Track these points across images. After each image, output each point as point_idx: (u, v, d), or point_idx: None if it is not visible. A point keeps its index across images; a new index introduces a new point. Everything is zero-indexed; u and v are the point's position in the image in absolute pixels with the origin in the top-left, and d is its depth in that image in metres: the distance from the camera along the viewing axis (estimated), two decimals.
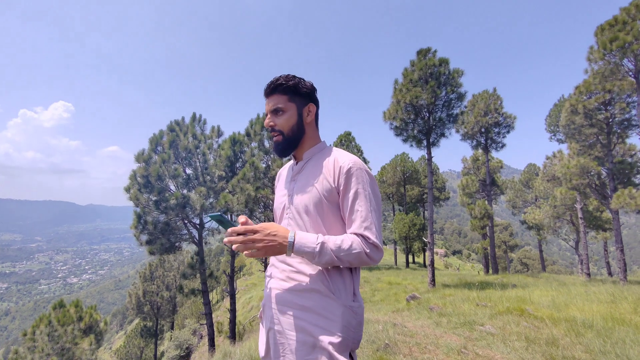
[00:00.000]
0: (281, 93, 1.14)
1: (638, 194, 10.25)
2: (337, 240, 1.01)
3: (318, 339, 1.00)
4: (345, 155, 1.13)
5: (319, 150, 1.20)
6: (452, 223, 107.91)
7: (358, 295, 1.10)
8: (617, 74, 10.62)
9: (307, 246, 0.99)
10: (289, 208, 1.17)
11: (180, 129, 10.55)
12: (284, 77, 1.15)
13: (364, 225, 1.04)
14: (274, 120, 1.15)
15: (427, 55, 11.04)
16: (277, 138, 1.16)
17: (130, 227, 9.29)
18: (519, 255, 37.33)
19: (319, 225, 1.09)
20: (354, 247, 1.00)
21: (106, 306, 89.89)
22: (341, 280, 1.07)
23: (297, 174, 1.20)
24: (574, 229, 19.81)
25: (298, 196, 1.14)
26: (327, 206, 1.09)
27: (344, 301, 1.05)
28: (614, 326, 3.64)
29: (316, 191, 1.10)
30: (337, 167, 1.10)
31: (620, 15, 10.35)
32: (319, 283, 1.04)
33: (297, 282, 1.07)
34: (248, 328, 16.15)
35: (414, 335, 3.84)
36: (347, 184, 1.07)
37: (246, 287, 25.56)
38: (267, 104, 1.17)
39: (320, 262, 1.00)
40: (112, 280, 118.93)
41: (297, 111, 1.15)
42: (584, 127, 12.49)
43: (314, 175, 1.13)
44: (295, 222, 1.13)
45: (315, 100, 1.20)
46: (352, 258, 1.00)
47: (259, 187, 10.20)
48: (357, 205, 1.06)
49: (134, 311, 20.07)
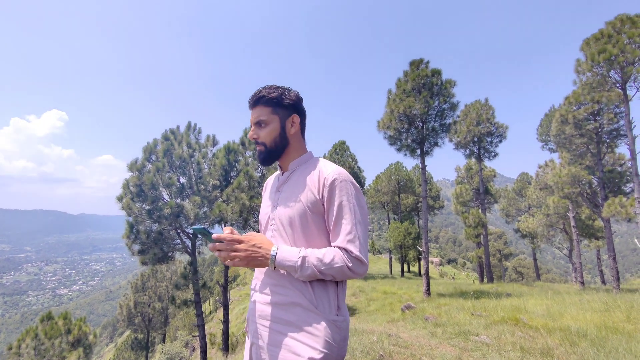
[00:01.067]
0: (264, 105, 1.13)
1: (628, 203, 10.41)
2: (318, 254, 1.01)
3: (300, 356, 0.97)
4: (330, 167, 1.11)
5: (305, 161, 1.19)
6: (446, 231, 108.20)
7: (343, 309, 1.07)
8: (605, 85, 10.90)
9: (288, 260, 0.99)
10: (273, 219, 1.15)
11: (175, 137, 10.52)
12: (267, 89, 1.14)
13: (347, 239, 1.02)
14: (257, 133, 1.15)
15: (420, 66, 11.24)
16: (260, 148, 1.16)
17: (123, 236, 9.15)
18: (513, 263, 37.42)
19: (303, 238, 1.08)
20: (336, 261, 0.99)
21: (96, 318, 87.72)
22: (325, 293, 1.04)
23: (283, 184, 1.19)
24: (567, 238, 19.98)
25: (282, 207, 1.13)
26: (311, 218, 1.08)
27: (328, 315, 1.02)
28: (608, 335, 3.65)
29: (301, 203, 1.09)
30: (321, 178, 1.09)
31: (606, 29, 10.68)
32: (301, 296, 1.02)
33: (280, 295, 1.05)
34: (241, 340, 15.85)
35: (409, 346, 3.80)
36: (331, 196, 1.06)
37: (240, 298, 25.18)
38: (251, 115, 1.17)
39: (302, 276, 1.00)
40: (103, 291, 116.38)
41: (280, 123, 1.14)
42: (574, 136, 12.73)
43: (299, 187, 1.12)
44: (279, 234, 1.12)
45: (301, 111, 1.18)
46: (334, 272, 1.00)
47: (253, 196, 10.16)
48: (341, 219, 1.05)
49: (125, 323, 19.62)
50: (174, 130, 10.77)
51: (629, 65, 9.99)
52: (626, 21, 10.26)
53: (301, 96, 1.20)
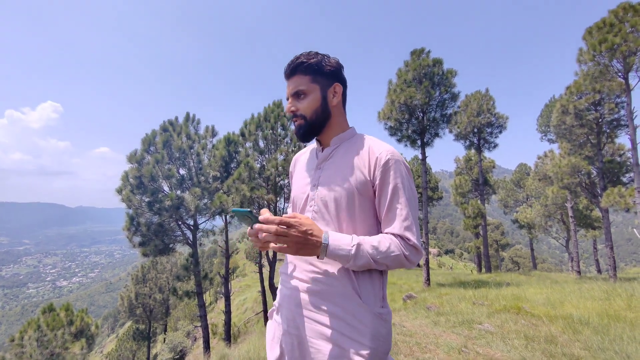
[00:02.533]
0: (303, 73, 1.01)
1: (627, 193, 10.45)
2: (373, 241, 0.92)
3: (345, 350, 0.90)
4: (382, 145, 1.01)
5: (349, 137, 1.08)
6: (444, 223, 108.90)
7: (386, 300, 1.01)
8: (607, 75, 10.82)
9: (341, 248, 0.89)
10: (314, 200, 1.03)
11: (174, 128, 10.41)
12: (305, 55, 1.02)
13: (404, 225, 0.94)
14: (296, 105, 1.03)
15: (421, 55, 11.11)
16: (299, 122, 1.03)
17: (123, 228, 9.13)
18: (510, 253, 37.82)
19: (349, 222, 0.98)
20: (392, 250, 0.91)
21: (97, 309, 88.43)
22: (370, 283, 0.96)
23: (324, 161, 1.07)
24: (564, 228, 20.14)
25: (326, 187, 1.01)
26: (359, 201, 0.98)
27: (373, 307, 0.94)
28: (610, 323, 3.68)
29: (349, 183, 0.98)
30: (372, 157, 0.99)
31: (608, 18, 10.54)
32: (347, 286, 0.94)
33: (322, 285, 0.96)
34: (243, 330, 16.02)
35: (413, 335, 3.83)
36: (384, 178, 0.96)
37: (240, 289, 25.38)
38: (287, 87, 1.05)
39: (355, 266, 0.91)
40: (103, 283, 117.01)
41: (321, 93, 1.03)
42: (575, 127, 12.70)
43: (345, 165, 1.01)
44: (321, 216, 1.01)
45: (342, 80, 1.07)
46: (390, 261, 0.91)
47: (254, 187, 10.12)
48: (396, 203, 0.95)
49: (126, 314, 19.75)
50: (173, 122, 10.67)
51: (631, 55, 9.90)
52: (629, 9, 10.12)
53: (341, 63, 1.09)
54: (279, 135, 11.50)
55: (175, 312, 23.53)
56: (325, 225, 1.00)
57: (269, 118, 11.58)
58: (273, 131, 11.49)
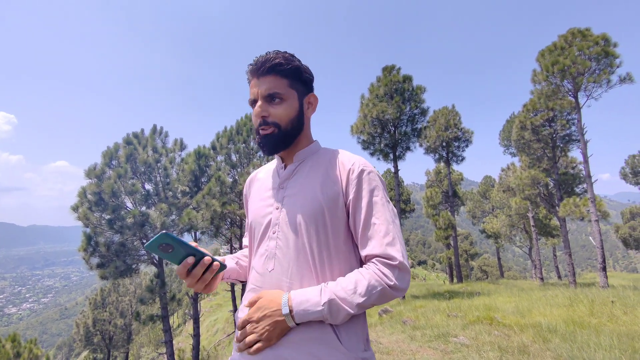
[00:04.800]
0: (280, 75, 0.87)
1: (581, 203, 11.23)
2: (349, 285, 0.77)
3: None
4: (352, 157, 0.91)
5: (314, 151, 0.96)
6: (416, 234, 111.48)
7: (369, 342, 0.87)
8: (558, 94, 11.75)
9: (310, 312, 0.75)
10: (277, 224, 0.88)
11: (139, 141, 9.91)
12: (283, 56, 0.89)
13: (386, 242, 0.80)
14: (268, 110, 0.87)
15: (392, 72, 11.51)
16: (270, 130, 0.87)
17: (79, 249, 8.40)
18: (479, 263, 39.22)
19: (321, 249, 0.83)
20: (374, 285, 0.76)
21: (50, 338, 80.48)
22: (352, 323, 0.82)
23: (287, 179, 0.93)
24: (527, 237, 21.25)
25: (292, 208, 0.87)
26: (330, 222, 0.84)
27: (356, 353, 0.79)
28: (576, 330, 3.81)
29: (318, 202, 0.84)
30: (344, 170, 0.88)
31: (558, 42, 11.55)
32: (323, 329, 0.78)
33: (294, 331, 0.79)
34: (213, 354, 15.14)
35: (390, 352, 3.74)
36: (358, 192, 0.85)
37: (211, 309, 24.18)
38: (257, 86, 0.88)
39: (335, 322, 0.77)
40: (57, 308, 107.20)
41: (298, 101, 0.90)
42: (532, 141, 13.60)
43: (313, 182, 0.88)
44: (287, 245, 0.85)
45: (313, 90, 0.97)
46: (375, 299, 0.77)
47: (226, 202, 9.78)
48: (374, 218, 0.83)
49: (82, 343, 18.06)
50: (138, 134, 10.16)
51: (580, 76, 10.85)
52: (577, 34, 11.16)
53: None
54: (252, 149, 11.30)
55: (139, 338, 21.88)
56: (294, 255, 0.85)
57: (241, 131, 11.38)
58: (246, 144, 11.28)
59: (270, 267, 0.86)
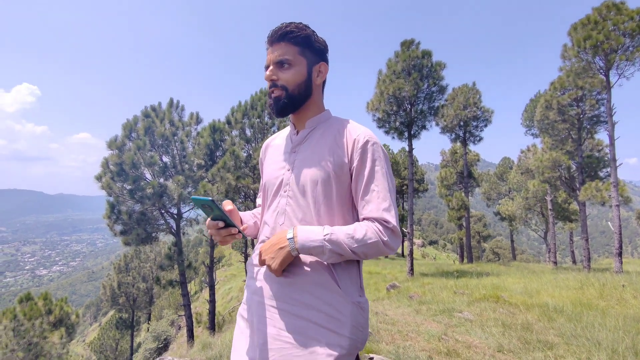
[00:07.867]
0: (291, 43, 0.95)
1: (604, 187, 10.85)
2: (348, 230, 0.86)
3: (323, 343, 0.85)
4: (360, 127, 0.98)
5: (325, 120, 1.03)
6: (429, 214, 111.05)
7: (363, 289, 0.97)
8: (589, 72, 11.06)
9: (312, 240, 0.85)
10: (288, 184, 0.98)
11: (157, 114, 10.09)
12: (296, 25, 0.95)
13: (383, 207, 0.89)
14: (277, 74, 0.95)
15: (411, 46, 11.06)
16: (278, 93, 0.95)
17: (103, 216, 8.88)
18: (491, 245, 39.01)
19: (326, 208, 0.93)
20: (369, 237, 0.85)
21: (79, 298, 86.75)
22: (348, 272, 0.92)
23: (300, 144, 1.02)
24: (543, 220, 20.86)
25: (302, 171, 0.97)
26: (336, 185, 0.93)
27: (352, 297, 0.90)
28: (583, 311, 3.83)
29: (326, 166, 0.94)
30: (350, 139, 0.95)
31: (592, 15, 10.72)
32: (324, 275, 0.89)
33: (297, 274, 0.90)
34: (227, 319, 16.04)
35: (395, 323, 3.89)
36: (362, 160, 0.93)
37: (225, 278, 25.31)
38: (270, 53, 0.97)
39: (331, 258, 0.86)
40: (85, 272, 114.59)
41: (307, 68, 0.97)
42: (557, 122, 13.01)
43: (322, 148, 0.97)
44: (296, 202, 0.96)
45: (327, 61, 1.02)
46: (368, 249, 0.86)
47: (240, 176, 9.98)
48: (374, 185, 0.91)
49: (109, 303, 19.46)
50: (155, 107, 10.33)
51: (613, 52, 10.14)
52: (612, 7, 10.32)
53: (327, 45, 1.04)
54: (266, 123, 11.33)
55: (160, 301, 23.32)
56: (300, 212, 0.95)
57: (255, 106, 11.37)
58: (260, 119, 11.30)
59: (280, 222, 0.98)
